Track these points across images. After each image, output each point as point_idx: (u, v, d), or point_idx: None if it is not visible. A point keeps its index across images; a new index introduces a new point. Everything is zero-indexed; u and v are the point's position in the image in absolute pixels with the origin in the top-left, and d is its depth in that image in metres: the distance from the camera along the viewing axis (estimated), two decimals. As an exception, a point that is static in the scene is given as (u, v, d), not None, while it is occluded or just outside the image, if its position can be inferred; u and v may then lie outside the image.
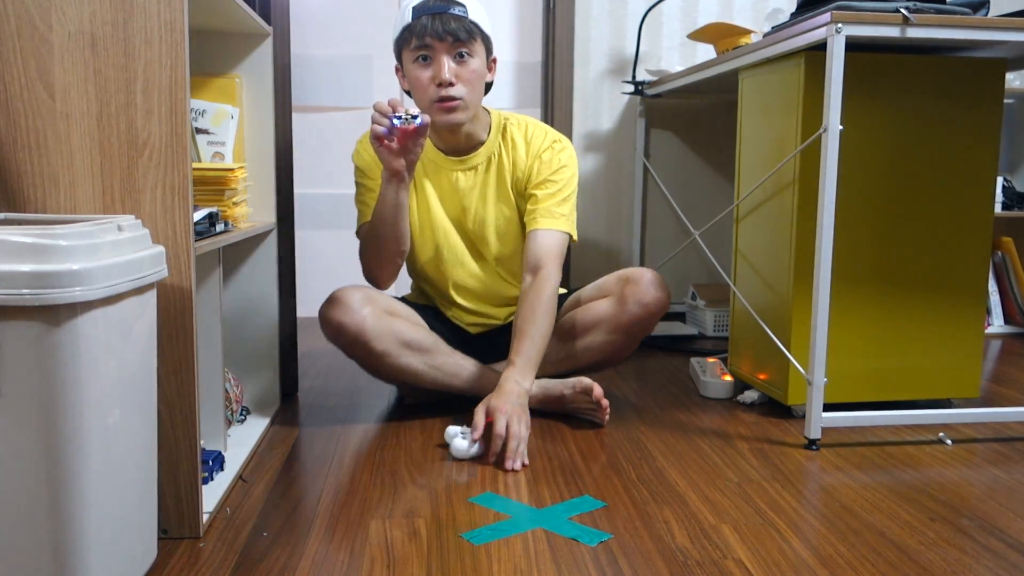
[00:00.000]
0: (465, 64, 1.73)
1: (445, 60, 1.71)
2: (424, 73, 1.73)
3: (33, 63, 1.12)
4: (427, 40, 1.70)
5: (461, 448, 1.58)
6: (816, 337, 1.64)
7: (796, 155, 1.76)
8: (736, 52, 2.00)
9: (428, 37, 1.69)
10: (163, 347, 1.18)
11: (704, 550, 1.22)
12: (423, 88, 1.74)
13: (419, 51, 1.72)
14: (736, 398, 2.01)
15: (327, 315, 1.74)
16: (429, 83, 1.73)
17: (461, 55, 1.73)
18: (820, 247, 1.63)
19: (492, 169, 1.86)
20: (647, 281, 1.85)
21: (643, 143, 2.91)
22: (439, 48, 1.71)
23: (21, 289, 0.86)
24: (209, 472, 1.42)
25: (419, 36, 1.70)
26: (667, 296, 1.86)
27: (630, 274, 1.88)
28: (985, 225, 1.87)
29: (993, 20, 1.63)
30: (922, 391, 1.90)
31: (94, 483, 0.94)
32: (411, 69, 1.75)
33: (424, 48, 1.71)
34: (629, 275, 1.88)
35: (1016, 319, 2.92)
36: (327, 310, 1.74)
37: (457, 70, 1.73)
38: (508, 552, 1.21)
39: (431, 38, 1.70)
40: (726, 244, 2.96)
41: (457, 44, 1.71)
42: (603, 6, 2.91)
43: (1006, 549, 1.23)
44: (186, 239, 1.17)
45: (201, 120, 1.62)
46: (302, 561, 1.18)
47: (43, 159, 1.14)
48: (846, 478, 1.51)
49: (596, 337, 1.89)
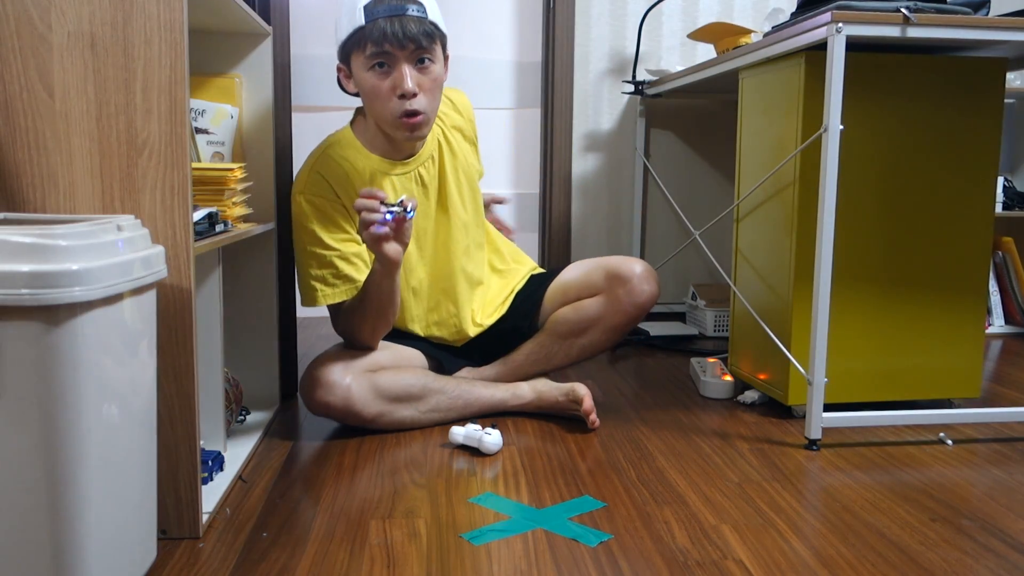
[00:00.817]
0: (427, 71, 1.63)
1: (407, 69, 1.60)
2: (383, 83, 1.61)
3: (32, 63, 1.12)
4: (386, 47, 1.57)
5: (495, 443, 1.60)
6: (816, 337, 1.64)
7: (796, 155, 1.76)
8: (736, 52, 2.00)
9: (388, 44, 1.57)
10: (163, 347, 1.18)
11: (704, 550, 1.22)
12: (382, 99, 1.62)
13: (375, 58, 1.59)
14: (736, 398, 2.01)
15: (311, 397, 1.65)
16: (390, 94, 1.61)
17: (422, 61, 1.62)
18: (820, 247, 1.62)
19: (446, 152, 1.82)
20: (638, 279, 1.83)
21: (643, 143, 2.91)
22: (399, 56, 1.59)
23: (21, 289, 0.86)
24: (208, 472, 1.42)
25: (376, 42, 1.57)
26: (658, 288, 1.86)
27: (620, 271, 1.84)
28: (985, 225, 1.86)
29: (993, 20, 1.63)
30: (923, 391, 1.90)
31: (94, 483, 0.93)
32: (365, 76, 1.62)
33: (381, 55, 1.59)
34: (619, 272, 1.84)
35: (1017, 319, 2.92)
36: (310, 392, 1.65)
37: (419, 79, 1.62)
38: (508, 552, 1.21)
39: (391, 45, 1.57)
40: (726, 244, 2.96)
41: (418, 51, 1.60)
42: (603, 6, 2.91)
43: (1007, 549, 1.23)
44: (186, 239, 1.17)
45: (201, 120, 1.62)
46: (302, 561, 1.18)
47: (42, 159, 1.14)
48: (846, 478, 1.51)
49: (591, 337, 1.88)
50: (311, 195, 1.70)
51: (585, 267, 1.93)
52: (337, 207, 1.71)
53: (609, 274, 1.86)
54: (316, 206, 1.69)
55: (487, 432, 1.61)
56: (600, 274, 1.87)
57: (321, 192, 1.70)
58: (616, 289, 1.84)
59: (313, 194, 1.70)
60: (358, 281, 1.70)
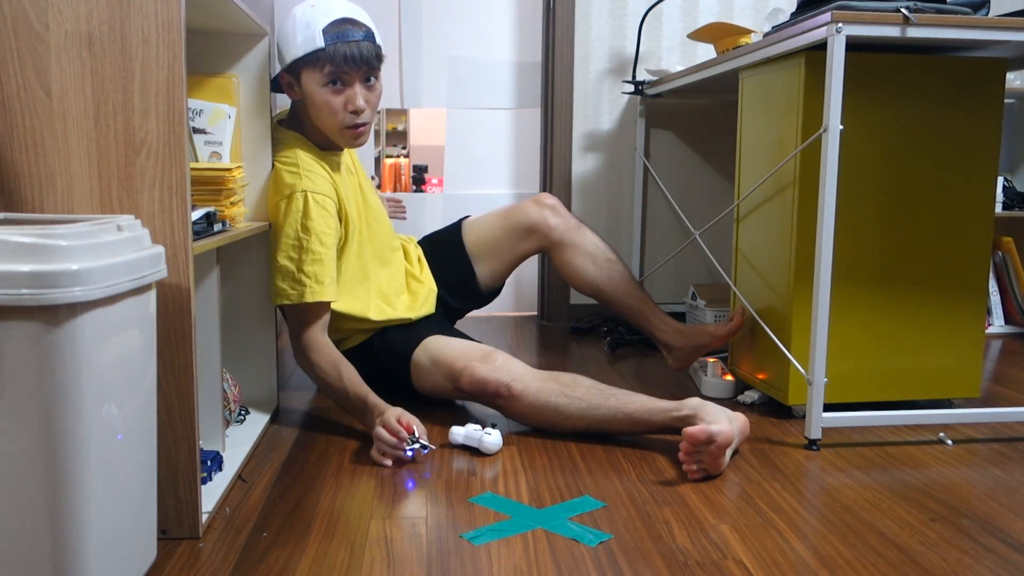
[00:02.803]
0: (373, 88, 1.79)
1: (359, 88, 1.75)
2: (336, 99, 1.74)
3: (30, 62, 1.12)
4: (344, 68, 1.71)
5: (495, 443, 1.61)
6: (816, 337, 1.64)
7: (796, 155, 1.76)
8: (736, 52, 2.00)
9: (346, 66, 1.71)
10: (162, 347, 1.17)
11: (704, 550, 1.21)
12: (334, 113, 1.75)
13: (332, 76, 1.72)
14: (736, 398, 2.01)
15: (467, 376, 1.72)
16: (341, 109, 1.75)
17: (369, 79, 1.77)
18: (820, 247, 1.62)
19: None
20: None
21: (643, 143, 2.91)
22: (354, 76, 1.74)
23: (21, 289, 0.86)
24: (207, 472, 1.42)
25: (335, 63, 1.70)
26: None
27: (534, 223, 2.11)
28: (985, 225, 1.86)
29: (993, 20, 1.63)
30: (922, 391, 1.90)
31: (94, 483, 0.93)
32: (319, 92, 1.74)
33: (338, 75, 1.73)
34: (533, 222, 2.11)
35: (1016, 319, 2.92)
36: (465, 372, 1.73)
37: (367, 95, 1.77)
38: (508, 552, 1.21)
39: (349, 67, 1.71)
40: (726, 244, 2.96)
41: (369, 71, 1.76)
42: (603, 6, 2.91)
43: (1007, 549, 1.23)
44: (184, 239, 1.17)
45: (198, 120, 1.61)
46: (302, 561, 1.18)
47: (40, 159, 1.14)
48: (846, 478, 1.51)
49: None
50: (318, 193, 1.75)
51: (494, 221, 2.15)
52: (333, 207, 1.78)
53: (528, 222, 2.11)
54: (320, 204, 1.74)
55: (487, 432, 1.61)
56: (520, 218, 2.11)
57: (327, 192, 1.77)
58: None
59: (319, 192, 1.75)
60: (337, 284, 1.79)
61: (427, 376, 1.83)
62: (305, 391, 2.08)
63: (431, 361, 1.81)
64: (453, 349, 1.80)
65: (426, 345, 1.84)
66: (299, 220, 1.72)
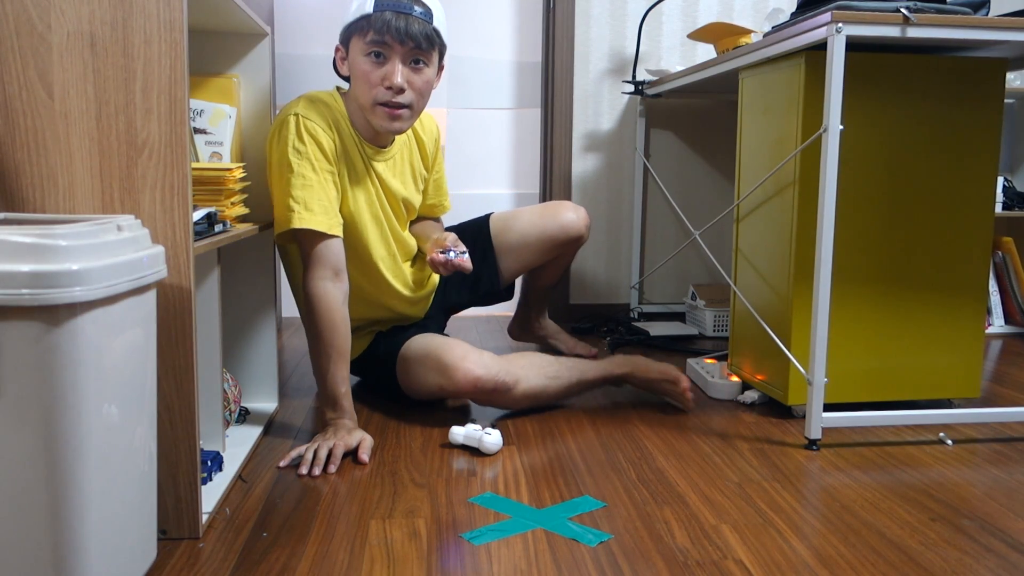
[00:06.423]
0: (419, 72, 1.67)
1: (399, 65, 1.64)
2: (375, 71, 1.65)
3: (32, 63, 1.12)
4: (386, 38, 1.62)
5: (495, 443, 1.61)
6: (816, 337, 1.64)
7: (796, 155, 1.76)
8: (736, 52, 2.00)
9: (388, 36, 1.61)
10: (162, 347, 1.18)
11: (704, 550, 1.21)
12: (369, 84, 1.66)
13: (374, 46, 1.63)
14: (736, 398, 2.01)
15: (458, 377, 1.73)
16: (378, 82, 1.65)
17: (417, 62, 1.66)
18: (820, 247, 1.62)
19: (405, 157, 1.90)
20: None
21: (643, 143, 2.91)
22: (396, 50, 1.63)
23: (21, 289, 0.86)
24: (207, 472, 1.42)
25: (378, 31, 1.61)
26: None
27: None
28: (985, 225, 1.86)
29: (993, 20, 1.63)
30: (922, 391, 1.90)
31: (94, 483, 0.93)
32: (360, 61, 1.66)
33: (380, 45, 1.63)
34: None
35: (1016, 319, 2.92)
36: (454, 373, 1.73)
37: (410, 76, 1.66)
38: (508, 552, 1.21)
39: (391, 37, 1.61)
40: (726, 244, 2.96)
41: (415, 51, 1.65)
42: (603, 6, 2.91)
43: (1007, 549, 1.23)
44: (185, 239, 1.17)
45: (199, 120, 1.61)
46: (302, 561, 1.18)
47: (42, 159, 1.14)
48: (846, 478, 1.51)
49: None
50: (309, 119, 1.67)
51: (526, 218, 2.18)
52: (329, 141, 1.69)
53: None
54: (311, 132, 1.66)
55: (487, 432, 1.61)
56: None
57: (319, 122, 1.69)
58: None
59: (311, 118, 1.68)
60: (334, 220, 1.68)
61: (415, 376, 1.83)
62: (305, 391, 2.08)
63: (418, 362, 1.81)
64: (440, 347, 1.80)
65: (411, 345, 1.85)
66: (290, 143, 1.65)
